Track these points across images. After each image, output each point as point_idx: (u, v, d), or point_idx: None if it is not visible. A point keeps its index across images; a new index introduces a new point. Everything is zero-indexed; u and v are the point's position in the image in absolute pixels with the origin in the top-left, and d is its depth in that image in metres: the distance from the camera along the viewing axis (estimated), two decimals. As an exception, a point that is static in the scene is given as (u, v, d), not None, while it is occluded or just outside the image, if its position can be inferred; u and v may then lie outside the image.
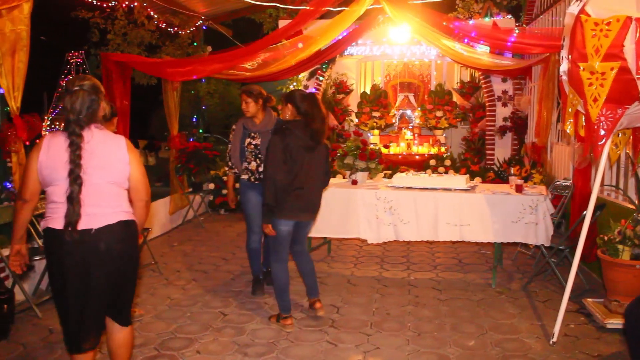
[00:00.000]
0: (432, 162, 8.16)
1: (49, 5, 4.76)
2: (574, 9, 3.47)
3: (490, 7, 7.81)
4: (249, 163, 4.54)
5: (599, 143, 3.41)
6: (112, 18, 6.26)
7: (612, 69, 3.24)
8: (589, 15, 3.29)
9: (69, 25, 6.28)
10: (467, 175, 5.31)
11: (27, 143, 4.75)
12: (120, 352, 2.86)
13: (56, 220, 2.58)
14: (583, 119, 3.68)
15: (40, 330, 3.96)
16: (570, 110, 3.65)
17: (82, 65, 10.22)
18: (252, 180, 4.53)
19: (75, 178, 2.51)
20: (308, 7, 7.81)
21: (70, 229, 2.52)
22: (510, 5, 7.91)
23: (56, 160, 2.56)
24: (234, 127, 4.72)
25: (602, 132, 3.42)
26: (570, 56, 3.44)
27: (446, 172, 7.34)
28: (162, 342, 3.74)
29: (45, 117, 10.34)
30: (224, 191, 8.15)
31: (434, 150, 8.59)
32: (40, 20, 4.68)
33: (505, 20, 7.63)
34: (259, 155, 4.49)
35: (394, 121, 9.19)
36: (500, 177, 7.32)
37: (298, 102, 3.89)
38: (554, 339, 3.65)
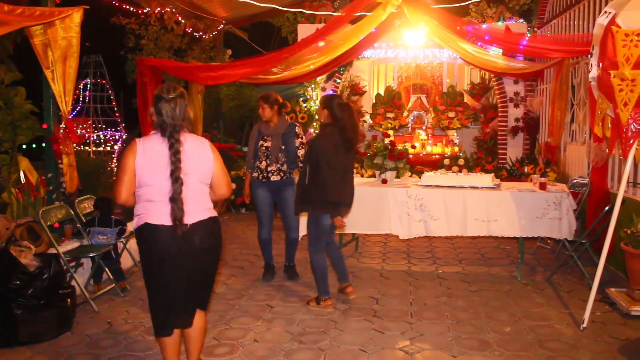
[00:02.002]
0: (446, 161, 8.44)
1: (89, 12, 4.97)
2: (603, 20, 3.77)
3: (503, 11, 8.09)
4: (260, 162, 4.99)
5: (628, 143, 3.70)
6: (146, 24, 6.51)
7: (641, 76, 3.53)
8: (619, 27, 3.58)
9: (107, 32, 6.53)
10: (493, 174, 5.60)
11: (79, 145, 5.00)
12: (196, 336, 3.10)
13: (153, 217, 2.83)
14: (609, 121, 3.98)
15: (100, 323, 4.20)
16: (599, 113, 3.93)
17: (100, 68, 10.41)
18: (261, 178, 5.01)
19: (176, 178, 2.77)
20: (326, 12, 8.11)
21: (178, 224, 2.78)
22: (521, 9, 8.19)
23: (154, 163, 2.81)
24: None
25: (631, 134, 3.72)
26: (601, 64, 3.73)
27: (460, 171, 7.64)
28: (219, 332, 3.99)
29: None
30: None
31: (447, 150, 8.88)
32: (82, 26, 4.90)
33: (518, 25, 7.92)
34: (269, 156, 4.97)
35: (407, 122, 9.48)
36: (514, 176, 7.61)
37: (334, 109, 4.26)
38: (584, 325, 3.94)
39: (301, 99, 9.26)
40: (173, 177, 2.77)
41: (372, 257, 6.01)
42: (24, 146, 5.56)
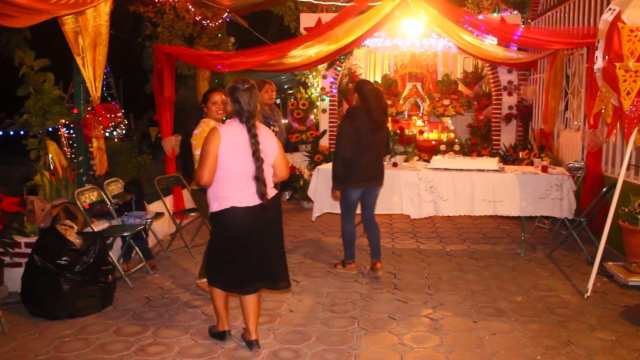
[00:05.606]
0: (442, 147, 8.80)
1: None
2: (608, 16, 4.13)
3: (499, 3, 8.44)
4: None
5: (630, 128, 4.08)
6: (162, 12, 6.68)
7: (644, 67, 3.90)
8: (624, 23, 3.94)
9: (125, 20, 6.67)
10: (498, 157, 5.96)
11: (107, 130, 5.19)
12: (254, 306, 3.45)
13: (237, 200, 3.18)
14: (610, 109, 4.37)
15: (138, 299, 4.44)
16: (602, 101, 4.31)
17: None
18: None
19: (258, 158, 3.13)
20: (330, 2, 8.34)
21: (264, 199, 3.16)
22: (516, 1, 8.55)
23: (237, 146, 3.14)
24: None
25: (632, 120, 4.10)
26: (607, 57, 4.09)
27: (456, 156, 8.01)
28: (254, 304, 4.28)
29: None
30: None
31: (444, 136, 9.24)
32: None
33: (512, 16, 8.27)
34: None
35: (404, 109, 9.81)
36: (508, 161, 8.01)
37: (363, 94, 4.59)
38: (588, 294, 4.35)
39: (286, 86, 9.48)
40: (255, 156, 3.12)
41: (382, 236, 6.30)
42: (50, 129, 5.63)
